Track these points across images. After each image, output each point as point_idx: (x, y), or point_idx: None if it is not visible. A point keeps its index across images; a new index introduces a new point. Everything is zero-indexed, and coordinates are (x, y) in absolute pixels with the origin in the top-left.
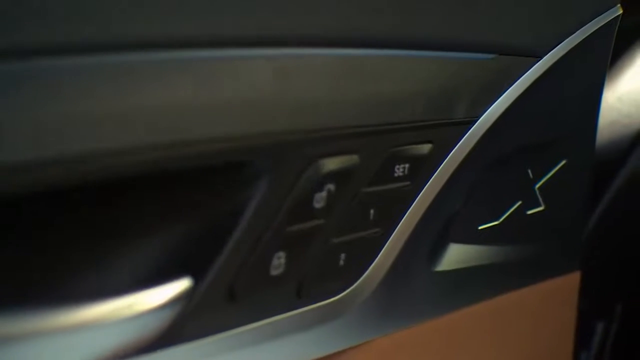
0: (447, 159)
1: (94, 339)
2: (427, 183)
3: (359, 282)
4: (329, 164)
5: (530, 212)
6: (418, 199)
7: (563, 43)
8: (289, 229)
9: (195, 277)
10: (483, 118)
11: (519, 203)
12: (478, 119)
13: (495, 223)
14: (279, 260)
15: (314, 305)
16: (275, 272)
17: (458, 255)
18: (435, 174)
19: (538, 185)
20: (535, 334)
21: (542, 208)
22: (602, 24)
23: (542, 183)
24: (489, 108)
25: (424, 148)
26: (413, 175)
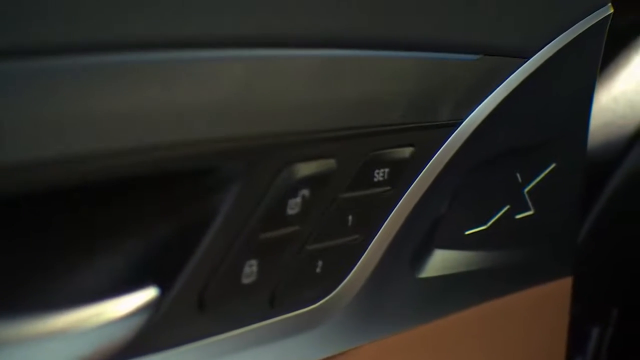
0: (430, 163)
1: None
2: (409, 188)
3: (337, 290)
4: (304, 169)
5: (519, 216)
6: (400, 204)
7: (551, 43)
8: (262, 236)
9: (163, 285)
10: (468, 120)
11: (507, 207)
12: (462, 122)
13: (483, 228)
14: (251, 269)
15: (289, 315)
16: (247, 280)
17: (444, 261)
18: (418, 179)
19: (527, 189)
20: (527, 341)
21: (531, 212)
22: (592, 24)
23: (531, 187)
24: (474, 110)
25: (405, 152)
26: (394, 180)
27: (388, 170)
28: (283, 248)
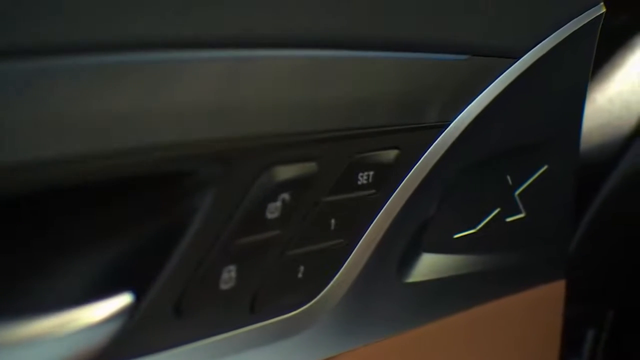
0: (416, 166)
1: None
2: (394, 191)
3: (321, 295)
4: (283, 173)
5: (510, 219)
6: (385, 208)
7: (542, 43)
8: (240, 241)
9: (138, 292)
10: (455, 122)
11: (498, 210)
12: (450, 124)
13: (472, 231)
14: (230, 274)
15: (270, 321)
16: (226, 286)
17: (432, 266)
18: (404, 182)
19: (518, 192)
20: (520, 345)
21: (522, 215)
22: (583, 23)
23: (522, 189)
24: (462, 112)
25: (390, 154)
26: (378, 183)
27: (372, 174)
28: (263, 253)
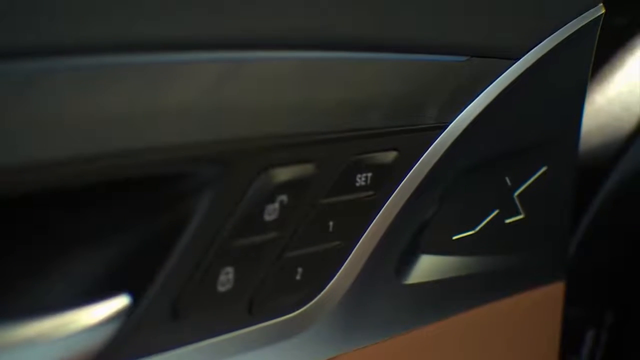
0: (414, 168)
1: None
2: (393, 193)
3: (319, 297)
4: (281, 174)
5: (509, 220)
6: (384, 210)
7: (541, 44)
8: (238, 243)
9: (136, 293)
10: (454, 124)
11: (497, 212)
12: (448, 125)
13: (471, 233)
14: (227, 276)
15: (268, 323)
16: (223, 288)
17: (430, 267)
18: (402, 183)
19: (517, 193)
20: (519, 347)
21: (521, 217)
22: (583, 24)
23: (521, 191)
24: (461, 113)
25: (388, 156)
26: (377, 185)
27: (371, 175)
28: (261, 255)
